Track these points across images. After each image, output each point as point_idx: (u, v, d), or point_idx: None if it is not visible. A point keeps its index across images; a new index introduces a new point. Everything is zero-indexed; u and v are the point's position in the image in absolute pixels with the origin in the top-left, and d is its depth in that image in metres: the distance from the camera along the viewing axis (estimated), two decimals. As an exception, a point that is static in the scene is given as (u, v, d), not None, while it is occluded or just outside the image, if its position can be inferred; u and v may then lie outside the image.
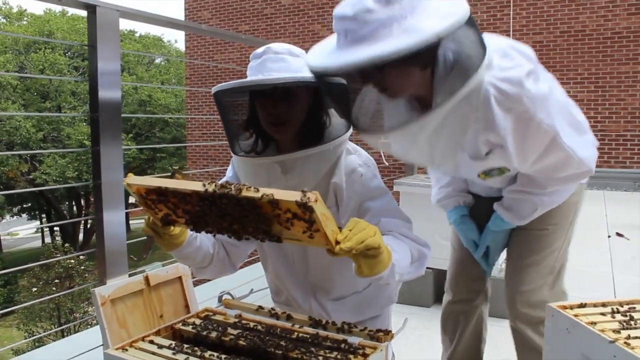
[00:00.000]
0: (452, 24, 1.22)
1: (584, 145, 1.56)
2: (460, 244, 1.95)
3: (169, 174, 1.39)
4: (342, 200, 1.45)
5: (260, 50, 1.45)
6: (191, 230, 1.34)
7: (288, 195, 1.05)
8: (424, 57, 1.28)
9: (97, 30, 1.81)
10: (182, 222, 1.30)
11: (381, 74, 1.30)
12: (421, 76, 1.34)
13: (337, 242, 1.10)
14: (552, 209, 1.74)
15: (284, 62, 1.41)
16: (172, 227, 1.35)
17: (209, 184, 1.15)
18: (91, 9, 1.82)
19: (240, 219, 1.17)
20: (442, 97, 1.30)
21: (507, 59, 1.38)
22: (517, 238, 1.85)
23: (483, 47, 1.32)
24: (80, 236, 23.97)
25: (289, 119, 1.43)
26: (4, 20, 24.33)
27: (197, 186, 1.16)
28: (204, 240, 1.51)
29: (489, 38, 1.39)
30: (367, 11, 1.21)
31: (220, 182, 1.16)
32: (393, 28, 1.21)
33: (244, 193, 1.10)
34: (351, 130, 1.46)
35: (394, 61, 1.19)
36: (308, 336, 1.25)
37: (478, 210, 1.89)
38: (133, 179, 1.26)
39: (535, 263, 1.80)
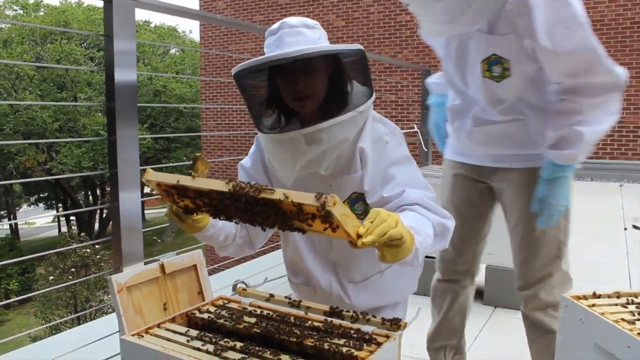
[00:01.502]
0: None
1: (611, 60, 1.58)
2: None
3: (190, 161, 1.40)
4: (367, 164, 1.45)
5: (275, 26, 1.44)
6: (213, 218, 1.35)
7: (305, 198, 1.05)
8: None
9: (113, 20, 1.82)
10: (203, 211, 1.30)
11: None
12: None
13: (359, 236, 1.10)
14: None
15: (302, 35, 1.40)
16: (194, 214, 1.36)
17: (227, 183, 1.15)
18: (108, -1, 1.83)
19: (260, 214, 1.18)
20: None
21: None
22: (517, 230, 1.87)
23: None
24: (96, 225, 24.23)
25: (313, 92, 1.42)
26: (21, 12, 24.53)
27: (215, 185, 1.16)
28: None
29: None
30: None
31: (238, 181, 1.16)
32: None
33: (263, 194, 1.10)
34: (374, 97, 1.46)
35: None
36: (322, 324, 1.26)
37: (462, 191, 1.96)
38: (152, 175, 1.26)
39: (538, 253, 1.83)
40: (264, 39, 1.48)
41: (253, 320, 1.30)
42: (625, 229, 5.26)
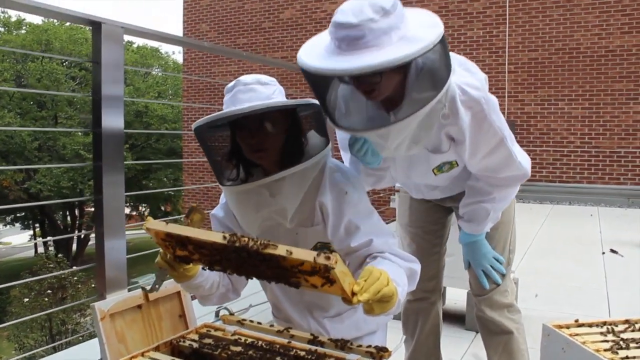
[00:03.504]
0: (440, 32, 1.38)
1: (520, 151, 1.79)
2: (415, 247, 2.12)
3: (187, 209, 1.40)
4: (329, 217, 1.48)
5: (231, 84, 1.49)
6: (206, 270, 1.36)
7: (307, 255, 1.08)
8: (412, 63, 1.47)
9: (101, 46, 1.83)
10: (198, 262, 1.31)
11: (376, 77, 1.41)
12: (401, 80, 1.50)
13: (354, 293, 1.13)
14: None
15: (254, 92, 1.45)
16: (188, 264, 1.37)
17: (230, 236, 1.15)
18: (96, 26, 1.84)
19: (258, 268, 1.19)
20: (425, 98, 1.46)
21: (466, 68, 1.61)
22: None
23: (449, 56, 1.49)
24: (74, 247, 23.82)
25: (269, 144, 1.46)
26: (3, 29, 24.34)
27: (218, 238, 1.16)
28: None
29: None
30: (370, 20, 1.34)
31: (240, 234, 1.17)
32: (392, 36, 1.35)
33: (267, 250, 1.11)
34: (330, 145, 1.51)
35: (396, 66, 1.32)
36: (306, 353, 1.26)
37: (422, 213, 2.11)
38: (152, 224, 1.26)
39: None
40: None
41: (238, 348, 1.30)
42: (604, 253, 5.33)
